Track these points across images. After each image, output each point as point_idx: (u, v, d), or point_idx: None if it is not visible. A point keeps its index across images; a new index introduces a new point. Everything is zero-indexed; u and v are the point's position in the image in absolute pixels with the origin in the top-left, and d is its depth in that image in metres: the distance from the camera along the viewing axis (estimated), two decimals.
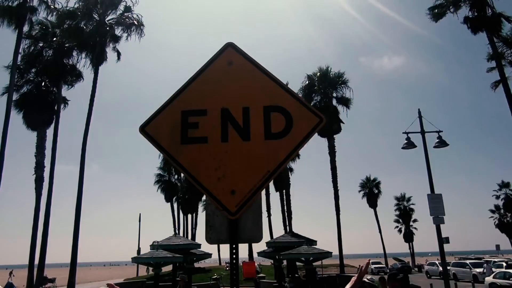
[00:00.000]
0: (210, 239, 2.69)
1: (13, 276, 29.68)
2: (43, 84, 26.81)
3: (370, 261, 1.83)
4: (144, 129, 2.85)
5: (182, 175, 50.17)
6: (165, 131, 2.83)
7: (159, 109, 2.90)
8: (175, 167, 2.89)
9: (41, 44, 26.39)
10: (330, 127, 30.61)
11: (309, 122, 2.83)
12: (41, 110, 25.07)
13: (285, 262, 27.26)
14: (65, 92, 27.67)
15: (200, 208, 53.08)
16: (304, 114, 2.85)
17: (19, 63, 24.27)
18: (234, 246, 2.60)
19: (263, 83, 2.93)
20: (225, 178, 2.69)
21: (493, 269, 25.17)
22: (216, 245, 64.19)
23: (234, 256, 2.68)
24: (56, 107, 25.82)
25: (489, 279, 20.95)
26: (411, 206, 60.79)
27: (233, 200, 2.64)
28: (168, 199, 49.47)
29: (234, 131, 2.80)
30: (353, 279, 1.81)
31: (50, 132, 25.48)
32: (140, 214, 43.96)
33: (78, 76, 27.35)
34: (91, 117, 24.73)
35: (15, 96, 24.76)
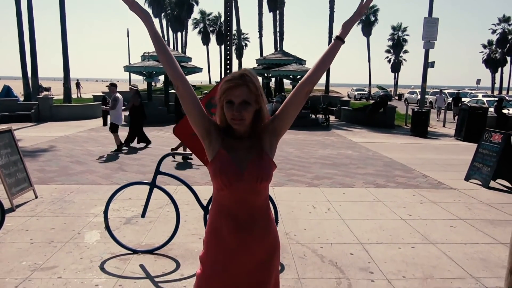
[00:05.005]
0: None
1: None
2: None
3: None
4: None
5: None
6: None
7: None
8: None
9: None
10: None
11: None
12: None
13: (273, 81, 28.18)
14: None
15: (190, 26, 51.39)
16: None
17: None
18: None
19: None
20: None
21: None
22: (206, 62, 64.58)
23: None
24: None
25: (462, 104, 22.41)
26: (405, 37, 60.24)
27: None
28: (155, 14, 47.28)
29: None
30: (354, 13, 1.77)
31: None
32: (128, 29, 42.51)
33: None
34: None
35: None
